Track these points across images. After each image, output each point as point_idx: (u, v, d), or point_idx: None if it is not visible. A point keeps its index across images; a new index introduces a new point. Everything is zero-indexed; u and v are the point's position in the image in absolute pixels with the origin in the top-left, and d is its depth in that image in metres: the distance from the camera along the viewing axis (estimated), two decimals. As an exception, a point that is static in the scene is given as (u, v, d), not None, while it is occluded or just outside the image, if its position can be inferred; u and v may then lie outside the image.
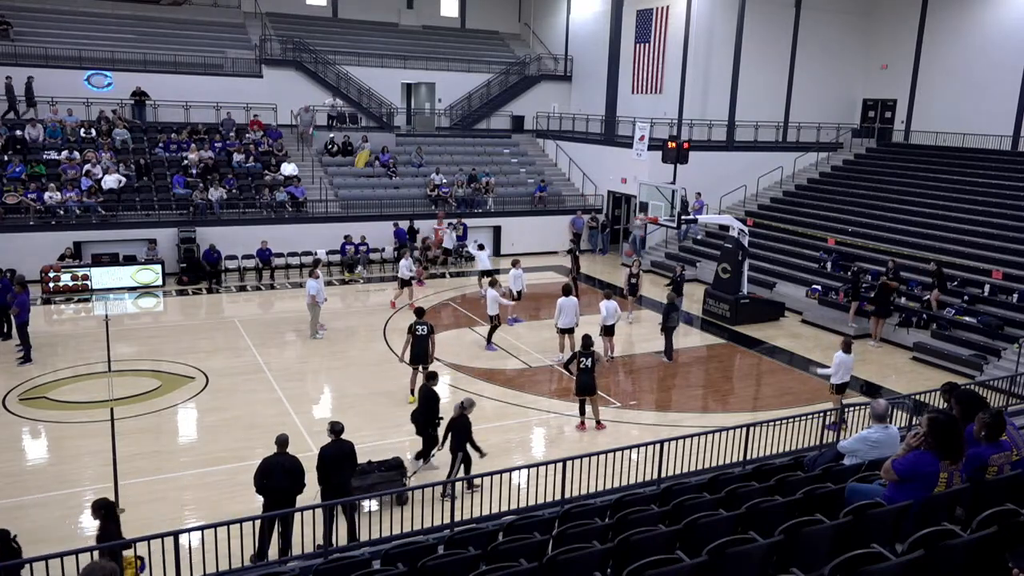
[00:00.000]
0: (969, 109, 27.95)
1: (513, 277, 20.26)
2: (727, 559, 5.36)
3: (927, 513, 5.94)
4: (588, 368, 13.46)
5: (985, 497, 6.06)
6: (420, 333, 14.12)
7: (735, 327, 20.43)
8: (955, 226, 22.98)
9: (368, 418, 13.76)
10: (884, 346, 19.14)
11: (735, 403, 15.55)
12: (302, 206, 25.89)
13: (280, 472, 8.91)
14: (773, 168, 29.74)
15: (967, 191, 24.77)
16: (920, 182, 26.40)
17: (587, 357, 13.47)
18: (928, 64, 29.65)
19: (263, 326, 19.16)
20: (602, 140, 31.01)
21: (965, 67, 28.29)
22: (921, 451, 6.17)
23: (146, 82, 27.90)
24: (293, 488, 8.99)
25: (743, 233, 21.14)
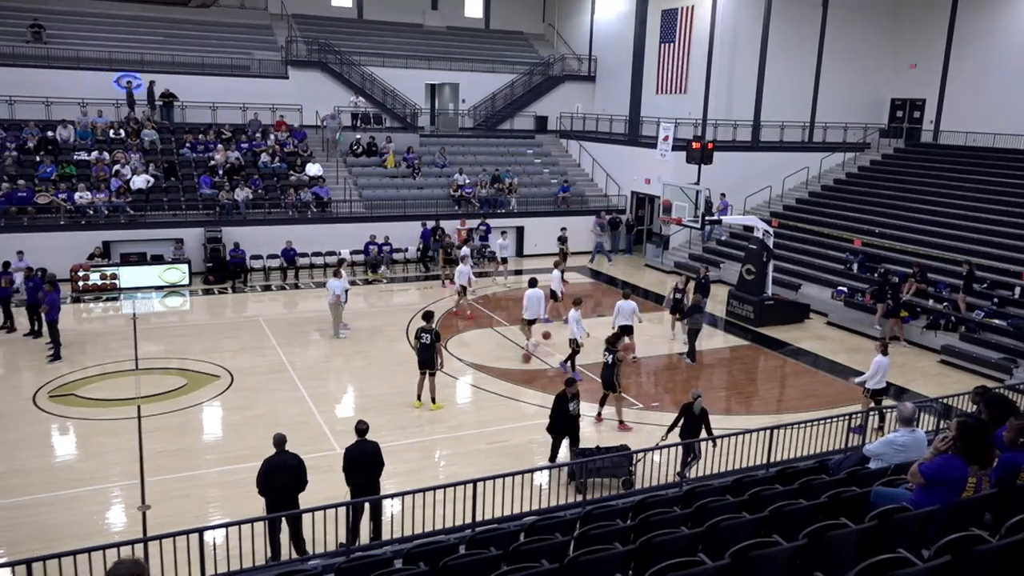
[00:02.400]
0: (1000, 109, 27.48)
1: (554, 279, 20.22)
2: (750, 562, 5.31)
3: (954, 518, 5.85)
4: (608, 365, 13.65)
5: (1014, 503, 5.95)
6: (424, 342, 14.15)
7: (759, 328, 20.26)
8: (984, 227, 22.62)
9: (389, 417, 13.81)
10: (912, 348, 18.88)
11: (759, 405, 15.42)
12: (326, 206, 26.04)
13: (284, 471, 8.96)
14: (799, 168, 29.46)
15: (997, 192, 24.36)
16: (949, 183, 26.01)
17: (610, 354, 13.64)
18: (958, 63, 29.21)
19: (287, 325, 19.29)
20: (626, 140, 30.89)
21: (995, 66, 27.83)
22: (949, 455, 6.08)
23: (174, 83, 28.23)
24: (297, 487, 9.03)
25: (768, 234, 20.96)
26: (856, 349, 18.90)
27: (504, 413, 14.46)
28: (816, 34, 30.64)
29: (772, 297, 20.94)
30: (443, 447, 13.08)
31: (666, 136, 26.81)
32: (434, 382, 14.38)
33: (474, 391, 15.68)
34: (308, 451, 11.52)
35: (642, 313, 17.86)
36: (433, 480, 11.03)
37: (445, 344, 17.79)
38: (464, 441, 13.17)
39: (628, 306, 16.97)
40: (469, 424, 13.91)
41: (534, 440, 13.38)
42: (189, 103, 28.39)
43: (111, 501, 10.86)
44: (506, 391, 15.50)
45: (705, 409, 11.22)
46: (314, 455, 11.65)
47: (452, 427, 13.70)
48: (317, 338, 18.31)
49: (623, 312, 16.94)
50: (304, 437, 12.61)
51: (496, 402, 15.05)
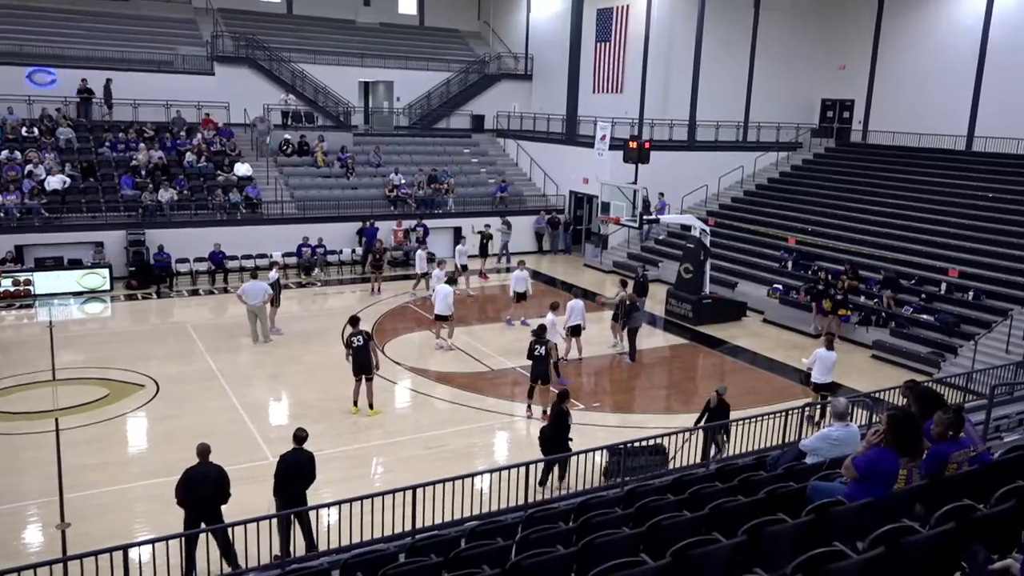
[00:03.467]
0: (924, 109, 28.64)
1: (515, 279, 20.24)
2: (691, 560, 5.40)
3: (887, 510, 6.06)
4: (542, 356, 13.97)
5: (943, 493, 6.20)
6: (356, 345, 14.03)
7: (698, 327, 20.65)
8: (912, 224, 23.52)
9: (325, 425, 13.62)
10: (845, 344, 19.51)
11: (698, 403, 15.64)
12: (256, 207, 25.55)
13: (205, 482, 8.76)
14: (734, 168, 30.15)
15: (924, 191, 25.37)
16: (879, 181, 26.97)
17: (541, 344, 14.00)
18: (884, 65, 30.34)
19: (216, 331, 18.87)
20: (563, 140, 31.11)
21: (920, 68, 29.00)
22: (881, 448, 6.29)
23: (93, 79, 27.25)
24: (218, 498, 8.85)
25: (705, 233, 21.39)
26: (793, 346, 19.43)
27: (443, 417, 14.42)
28: (749, 35, 31.43)
29: (710, 296, 21.37)
30: (381, 453, 12.96)
31: (603, 135, 27.11)
32: (371, 387, 14.25)
33: (413, 395, 15.59)
34: (241, 461, 11.29)
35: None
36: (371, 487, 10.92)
37: (382, 348, 17.64)
38: (402, 447, 13.08)
39: (577, 306, 17.17)
40: (407, 429, 13.83)
41: (474, 444, 13.37)
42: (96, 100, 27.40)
43: (28, 520, 10.42)
44: (445, 394, 15.45)
45: (725, 402, 11.94)
46: (247, 465, 11.42)
47: (390, 433, 13.59)
48: (248, 344, 17.94)
49: (575, 312, 17.12)
50: (236, 447, 12.35)
51: (435, 406, 14.99)
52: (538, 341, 14.15)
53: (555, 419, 11.39)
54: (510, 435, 14.10)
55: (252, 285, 17.97)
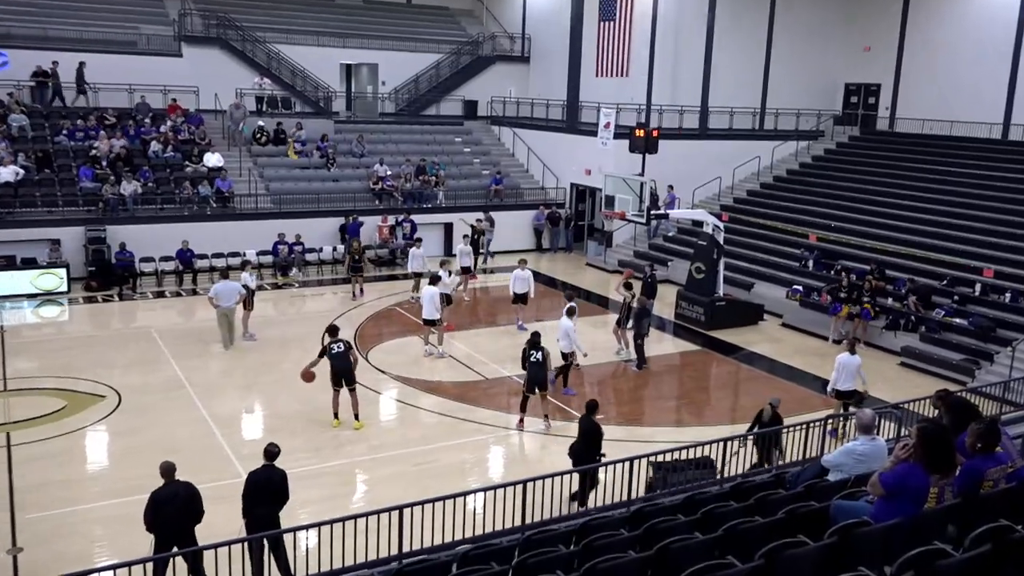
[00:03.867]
0: (956, 95, 28.72)
1: (515, 278, 20.18)
2: (703, 587, 5.40)
3: (917, 531, 6.06)
4: (539, 362, 14.08)
5: (979, 513, 6.20)
6: (336, 351, 14.01)
7: (710, 332, 20.67)
8: (944, 220, 23.57)
9: (304, 438, 13.60)
10: (870, 350, 19.54)
11: (711, 415, 15.74)
12: (228, 201, 25.51)
13: (175, 503, 8.73)
14: (750, 158, 30.20)
15: (956, 183, 25.43)
16: (907, 173, 27.03)
17: (537, 351, 14.08)
18: (913, 46, 30.42)
19: (184, 337, 18.84)
20: (564, 128, 31.13)
21: (952, 49, 29.08)
22: (910, 464, 6.30)
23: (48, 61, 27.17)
24: (191, 519, 8.83)
25: (718, 229, 21.42)
26: (814, 352, 19.47)
27: (433, 430, 14.41)
28: (766, 13, 31.48)
29: (723, 297, 21.40)
30: (364, 470, 12.95)
31: (607, 123, 27.14)
32: (356, 396, 14.23)
33: (399, 407, 15.58)
34: (211, 479, 11.26)
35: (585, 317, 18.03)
36: (354, 508, 10.89)
37: (366, 355, 17.63)
38: (388, 463, 13.06)
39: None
40: (393, 444, 13.82)
41: (467, 460, 13.36)
42: (66, 84, 27.41)
43: (-24, 544, 10.38)
44: (435, 406, 15.44)
45: (778, 414, 12.08)
46: (218, 483, 11.39)
47: (374, 447, 13.59)
48: (219, 351, 17.92)
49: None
50: (205, 463, 12.33)
51: (424, 418, 14.98)
52: (533, 347, 14.20)
53: (586, 434, 11.33)
54: (506, 450, 14.09)
55: (224, 285, 17.95)
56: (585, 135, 29.22)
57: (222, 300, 17.69)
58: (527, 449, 14.15)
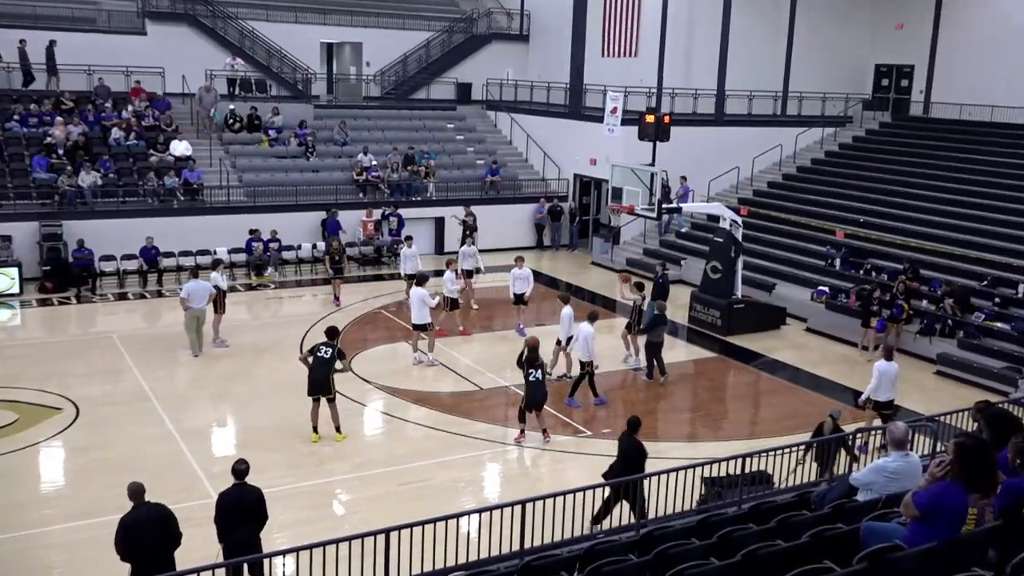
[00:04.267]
0: (998, 77, 28.74)
1: (514, 278, 20.25)
2: (720, 617, 5.41)
3: (954, 556, 6.08)
4: (539, 381, 14.08)
5: (1021, 537, 6.21)
6: (321, 355, 14.00)
7: (727, 337, 20.70)
8: (985, 215, 23.61)
9: (280, 454, 13.61)
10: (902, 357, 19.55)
11: (729, 429, 15.76)
12: (197, 194, 25.50)
13: (149, 528, 8.73)
14: (771, 146, 30.23)
15: (998, 174, 25.45)
16: (944, 163, 27.08)
17: (536, 369, 14.08)
18: (950, 24, 30.44)
19: (149, 343, 18.83)
20: (566, 113, 31.14)
21: (993, 27, 29.12)
22: (947, 482, 6.31)
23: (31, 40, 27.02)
24: (169, 543, 8.82)
25: (736, 225, 21.45)
26: (841, 359, 19.50)
27: (422, 446, 14.42)
28: (789, -13, 31.52)
29: (742, 299, 21.42)
30: (348, 489, 12.96)
31: (614, 108, 27.15)
32: (335, 408, 14.24)
33: (386, 420, 15.59)
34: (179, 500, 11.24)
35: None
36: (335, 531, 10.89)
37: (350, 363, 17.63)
38: (374, 481, 13.07)
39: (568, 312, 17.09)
40: (379, 460, 13.82)
41: (460, 478, 13.37)
42: (15, 64, 27.35)
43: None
44: (425, 418, 15.45)
45: (840, 428, 12.20)
46: (187, 504, 11.37)
47: (358, 465, 13.59)
48: (187, 358, 17.92)
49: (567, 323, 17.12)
50: (173, 483, 12.32)
51: (412, 432, 14.98)
52: (531, 364, 14.08)
53: (627, 453, 11.29)
54: (503, 467, 14.11)
55: (197, 284, 17.96)
56: (590, 121, 29.25)
57: (195, 300, 17.71)
58: (527, 466, 14.16)
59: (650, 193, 21.78)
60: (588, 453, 14.22)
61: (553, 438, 14.67)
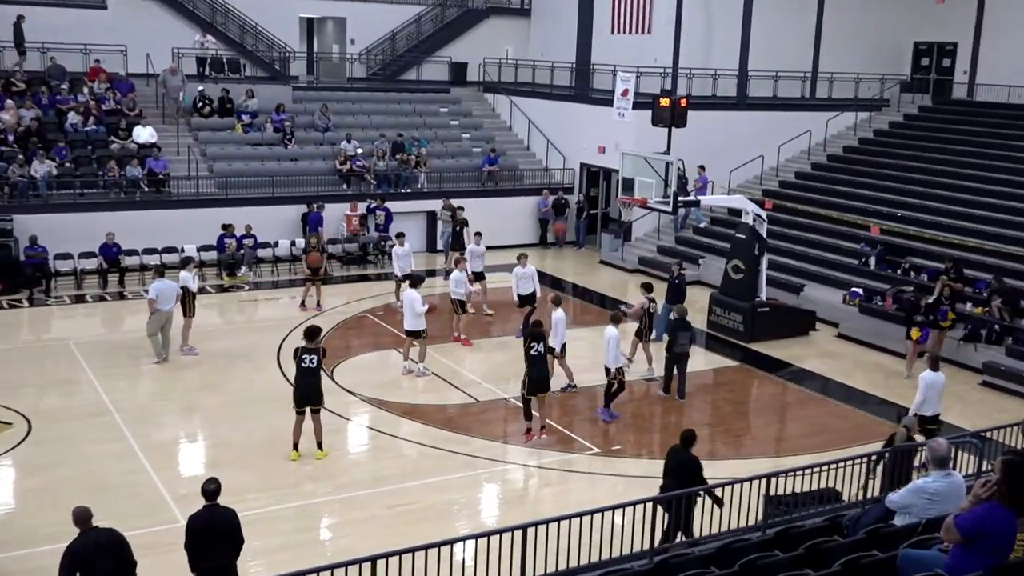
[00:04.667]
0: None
1: (517, 277, 20.26)
2: (742, 654, 5.41)
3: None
4: (541, 355, 14.23)
5: (1076, 564, 6.21)
6: (307, 366, 14.02)
7: (750, 344, 20.68)
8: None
9: (255, 474, 13.59)
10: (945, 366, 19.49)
11: (752, 446, 15.75)
12: (163, 185, 25.51)
13: (100, 555, 8.69)
14: (799, 133, 30.23)
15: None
16: (989, 151, 27.05)
17: (539, 342, 14.21)
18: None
19: (109, 351, 18.83)
20: (572, 96, 31.14)
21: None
22: (993, 504, 6.31)
23: None
24: (124, 572, 8.80)
25: (760, 219, 21.44)
26: (876, 368, 19.49)
27: (413, 464, 14.40)
28: (818, -43, 31.54)
29: (766, 303, 21.42)
30: (330, 512, 12.94)
31: (625, 90, 27.15)
32: (319, 421, 14.23)
33: (373, 436, 15.57)
34: (142, 525, 11.27)
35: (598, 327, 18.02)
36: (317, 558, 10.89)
37: (331, 373, 17.64)
38: (359, 504, 13.06)
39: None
40: (365, 480, 13.82)
41: (454, 500, 13.37)
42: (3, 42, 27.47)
43: None
44: (416, 434, 15.44)
45: (913, 439, 12.12)
46: (151, 530, 11.41)
47: (342, 485, 13.57)
48: (150, 367, 17.92)
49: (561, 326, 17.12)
50: (135, 506, 12.32)
51: (402, 449, 14.98)
52: (535, 338, 14.37)
53: (681, 469, 11.27)
54: (502, 488, 14.10)
55: (164, 284, 17.96)
56: (598, 104, 29.24)
57: (162, 302, 17.73)
58: (528, 486, 14.16)
59: (665, 184, 21.77)
60: (597, 473, 14.22)
61: (558, 456, 14.64)
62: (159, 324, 17.87)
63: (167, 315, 17.90)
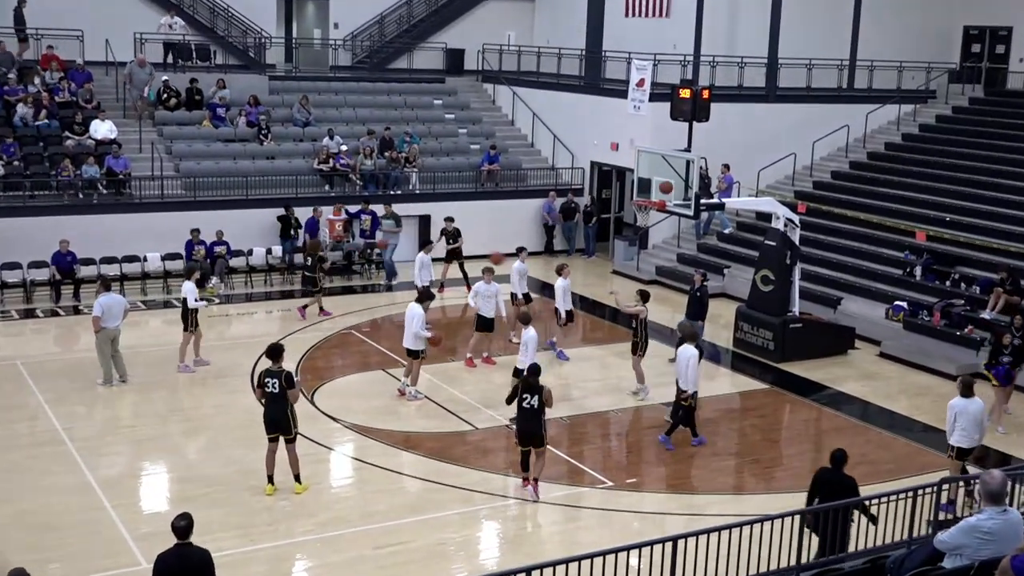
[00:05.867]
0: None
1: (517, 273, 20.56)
2: None
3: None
4: (533, 409, 13.83)
5: None
6: (271, 391, 13.98)
7: (782, 364, 20.67)
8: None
9: (228, 511, 13.58)
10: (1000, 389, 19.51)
11: (784, 479, 15.70)
12: (124, 186, 25.54)
13: None
14: (835, 128, 30.26)
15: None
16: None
17: (533, 394, 13.82)
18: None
19: (62, 372, 18.83)
20: (582, 86, 31.19)
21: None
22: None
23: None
24: None
25: (792, 225, 21.44)
26: (923, 391, 19.45)
27: (404, 499, 14.40)
28: (856, -69, 31.64)
29: (800, 317, 21.40)
30: (309, 554, 12.90)
31: (641, 80, 27.19)
32: (294, 452, 14.20)
33: (358, 468, 15.55)
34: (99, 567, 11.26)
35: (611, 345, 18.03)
36: None
37: (311, 397, 17.62)
38: (342, 544, 13.03)
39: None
40: (350, 517, 13.79)
41: (449, 539, 13.34)
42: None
43: None
44: (407, 466, 15.43)
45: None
46: (108, 574, 11.38)
47: (323, 523, 13.54)
48: (110, 391, 17.91)
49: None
50: (91, 546, 12.29)
51: (392, 483, 14.96)
52: (528, 388, 13.92)
53: (832, 489, 11.31)
54: (502, 527, 14.07)
55: (111, 299, 17.98)
56: (611, 96, 29.30)
57: (110, 318, 17.75)
58: (531, 525, 14.13)
59: (686, 186, 21.79)
60: (609, 509, 14.17)
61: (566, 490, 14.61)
62: (107, 343, 17.89)
63: (114, 333, 17.91)
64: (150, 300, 23.79)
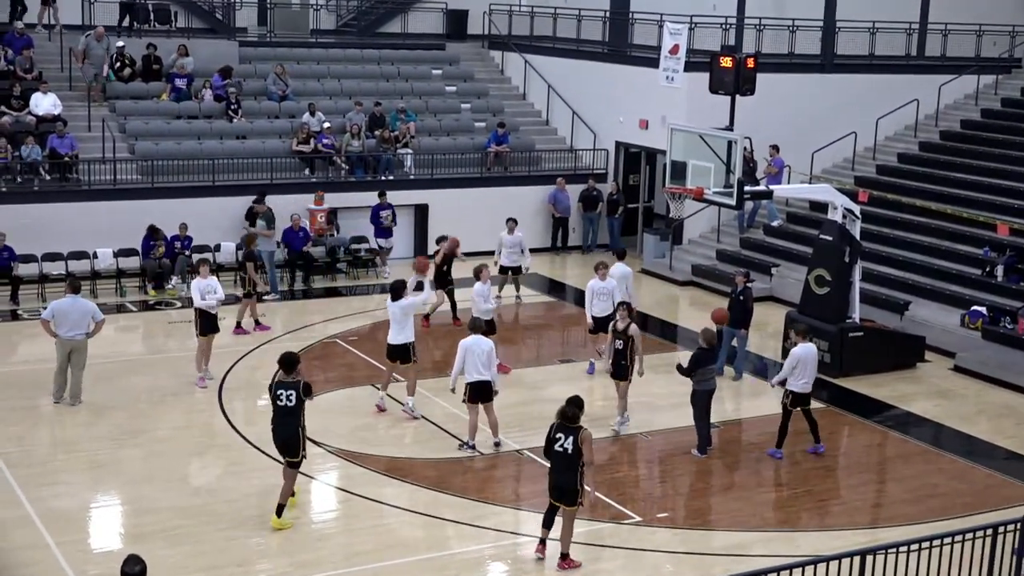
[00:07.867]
0: None
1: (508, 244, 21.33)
2: None
3: None
4: (567, 455, 12.82)
5: None
6: (282, 404, 14.04)
7: (839, 380, 20.67)
8: None
9: (193, 548, 13.59)
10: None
11: (841, 514, 15.68)
12: (70, 170, 25.65)
13: None
14: (902, 103, 30.23)
15: None
16: None
17: (568, 436, 12.85)
18: None
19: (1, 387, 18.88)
20: (606, 54, 31.22)
21: None
22: None
23: None
24: None
25: (852, 217, 21.42)
26: (1006, 412, 19.42)
27: (398, 536, 14.41)
28: None
29: (861, 325, 21.38)
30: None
31: (675, 46, 27.20)
32: (293, 477, 14.13)
33: (344, 499, 15.57)
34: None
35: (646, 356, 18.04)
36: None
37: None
38: (325, 589, 13.04)
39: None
40: (334, 557, 13.78)
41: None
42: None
43: None
44: (400, 497, 15.44)
45: None
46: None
47: (303, 563, 13.53)
48: (54, 408, 17.96)
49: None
50: (32, 589, 12.35)
51: (384, 517, 14.98)
52: (564, 428, 12.85)
53: None
54: (512, 569, 14.06)
55: (69, 303, 17.95)
56: (640, 66, 29.34)
57: (63, 326, 17.70)
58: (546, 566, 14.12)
59: (727, 170, 21.79)
60: (635, 548, 14.15)
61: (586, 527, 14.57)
62: (66, 355, 17.82)
63: (75, 344, 17.83)
64: (101, 303, 23.74)
